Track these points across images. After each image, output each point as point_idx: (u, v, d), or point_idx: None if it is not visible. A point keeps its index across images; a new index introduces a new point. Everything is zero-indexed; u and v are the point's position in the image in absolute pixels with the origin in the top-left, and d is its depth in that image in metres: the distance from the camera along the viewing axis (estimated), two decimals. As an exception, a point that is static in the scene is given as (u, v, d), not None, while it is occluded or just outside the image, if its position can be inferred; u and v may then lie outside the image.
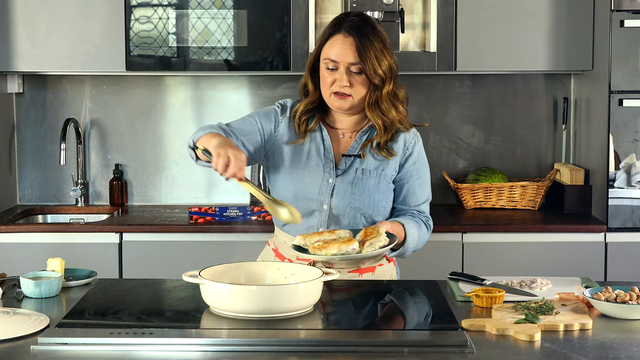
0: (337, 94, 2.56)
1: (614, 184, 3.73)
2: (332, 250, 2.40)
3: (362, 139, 2.65)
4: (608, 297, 2.26)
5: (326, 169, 2.61)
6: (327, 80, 2.57)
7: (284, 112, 2.66)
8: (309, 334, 2.08)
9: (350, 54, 2.53)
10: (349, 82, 2.54)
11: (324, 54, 2.57)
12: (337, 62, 2.55)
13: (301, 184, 2.60)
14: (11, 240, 3.71)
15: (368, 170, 2.62)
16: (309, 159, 2.62)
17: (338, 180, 2.61)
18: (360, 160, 2.62)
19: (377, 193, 2.63)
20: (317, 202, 2.60)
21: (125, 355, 1.96)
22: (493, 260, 3.72)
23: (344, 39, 2.54)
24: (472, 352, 1.96)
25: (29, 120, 4.29)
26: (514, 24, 3.93)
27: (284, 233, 2.66)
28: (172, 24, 3.92)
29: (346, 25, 2.55)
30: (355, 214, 2.62)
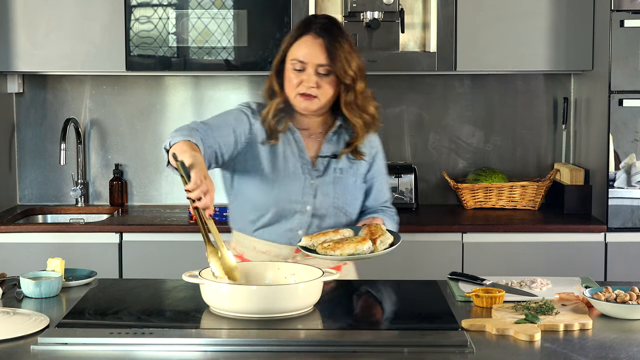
0: (303, 95, 2.56)
1: (614, 184, 3.73)
2: (349, 250, 2.39)
3: (332, 139, 2.65)
4: (608, 297, 2.26)
5: (305, 170, 2.61)
6: (293, 82, 2.56)
7: (254, 115, 2.63)
8: (309, 334, 2.08)
9: (320, 55, 2.54)
10: (316, 83, 2.54)
11: (292, 54, 2.56)
12: (306, 63, 2.54)
13: (284, 186, 2.58)
14: (11, 240, 3.71)
15: (345, 169, 2.65)
16: (287, 161, 2.61)
17: (319, 181, 2.61)
18: (335, 160, 2.64)
19: (356, 191, 2.67)
20: (300, 204, 2.59)
21: (125, 355, 1.96)
22: (493, 260, 3.72)
23: (314, 40, 2.55)
24: (472, 352, 1.96)
25: (29, 120, 4.29)
26: (514, 24, 3.93)
27: (254, 238, 2.63)
28: (172, 24, 3.92)
29: (315, 27, 2.56)
30: (337, 212, 2.63)
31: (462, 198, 4.12)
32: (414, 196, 4.08)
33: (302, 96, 2.56)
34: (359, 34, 3.93)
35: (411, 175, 4.08)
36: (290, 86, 2.57)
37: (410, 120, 4.31)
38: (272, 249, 2.61)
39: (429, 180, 4.32)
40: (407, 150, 4.32)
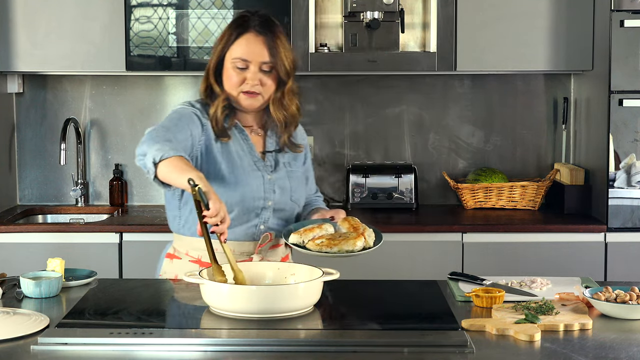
0: (247, 92, 2.56)
1: (614, 184, 3.73)
2: (347, 246, 2.40)
3: (272, 134, 2.68)
4: (608, 297, 2.26)
5: (259, 167, 2.62)
6: (234, 80, 2.56)
7: (203, 114, 2.61)
8: (309, 334, 2.08)
9: (263, 52, 2.55)
10: (259, 80, 2.56)
11: (233, 53, 2.56)
12: (249, 61, 2.55)
13: (247, 185, 2.58)
14: (11, 240, 3.71)
15: (292, 163, 2.69)
16: (241, 159, 2.61)
17: (275, 176, 2.63)
18: (281, 155, 2.67)
19: (303, 182, 2.72)
20: (263, 200, 2.60)
21: (125, 355, 1.96)
22: (493, 260, 3.72)
23: (255, 38, 2.55)
24: (472, 352, 1.96)
25: (29, 120, 4.29)
26: (514, 24, 3.93)
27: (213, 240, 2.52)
28: (172, 24, 3.92)
29: (254, 24, 2.56)
30: (293, 205, 2.66)
31: (462, 198, 4.12)
32: (414, 196, 4.08)
33: (246, 94, 2.57)
34: (359, 34, 3.93)
35: (411, 175, 4.08)
36: (232, 84, 2.57)
37: (410, 120, 4.31)
38: (235, 248, 2.58)
39: (429, 180, 4.32)
40: (407, 150, 4.32)
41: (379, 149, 4.32)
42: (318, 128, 4.31)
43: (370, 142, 4.32)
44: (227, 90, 2.59)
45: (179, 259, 2.67)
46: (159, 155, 2.34)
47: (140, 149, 2.41)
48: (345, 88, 4.31)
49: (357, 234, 2.44)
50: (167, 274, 2.68)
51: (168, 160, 2.33)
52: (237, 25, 2.58)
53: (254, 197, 2.58)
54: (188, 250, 2.65)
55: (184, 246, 2.66)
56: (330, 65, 3.93)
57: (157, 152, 2.35)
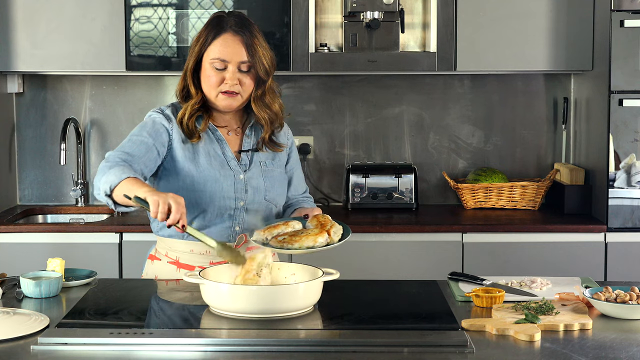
0: (226, 92, 2.57)
1: (614, 184, 3.73)
2: (308, 242, 2.38)
3: (251, 133, 2.68)
4: (608, 297, 2.26)
5: (232, 166, 2.62)
6: (213, 80, 2.57)
7: (169, 120, 2.62)
8: (309, 334, 2.08)
9: (242, 52, 2.56)
10: (238, 80, 2.56)
11: (211, 54, 2.56)
12: (228, 61, 2.56)
13: (216, 185, 2.58)
14: (11, 240, 3.71)
15: (269, 162, 2.68)
16: (213, 159, 2.61)
17: (248, 175, 2.63)
18: (257, 154, 2.67)
19: (283, 183, 2.71)
20: (234, 200, 2.60)
21: (125, 355, 1.96)
22: (493, 260, 3.72)
23: (233, 38, 2.56)
24: (472, 352, 1.96)
25: (29, 120, 4.29)
26: (514, 24, 3.93)
27: (188, 241, 2.60)
28: (172, 24, 3.92)
29: (232, 24, 2.57)
30: (268, 205, 2.66)
31: (462, 198, 4.12)
32: (414, 196, 4.08)
33: (225, 94, 2.57)
34: (359, 34, 3.93)
35: (411, 175, 4.08)
36: (210, 85, 2.58)
37: (410, 120, 4.32)
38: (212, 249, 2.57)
39: (429, 180, 4.32)
40: (407, 150, 4.32)
41: (379, 149, 4.32)
42: (318, 128, 4.31)
43: (370, 142, 4.32)
44: (206, 90, 2.59)
45: (159, 260, 2.69)
46: (107, 187, 2.36)
47: (95, 183, 2.43)
48: (345, 88, 4.31)
49: (319, 230, 2.42)
50: (148, 274, 2.71)
51: (118, 186, 2.35)
52: (213, 25, 2.59)
53: (224, 196, 2.59)
54: (167, 252, 2.67)
55: (164, 248, 2.68)
56: (330, 65, 3.93)
57: (105, 184, 2.37)
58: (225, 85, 2.56)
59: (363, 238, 3.72)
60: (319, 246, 2.38)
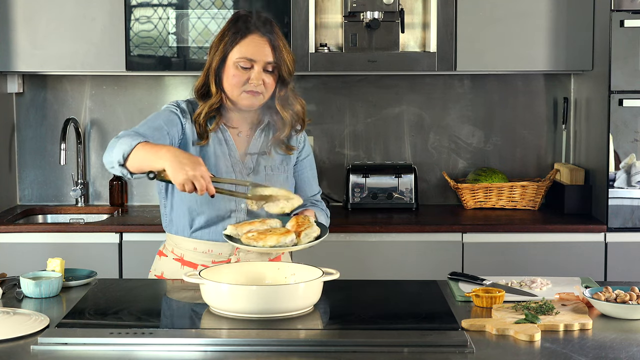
0: (249, 92, 2.58)
1: (614, 184, 3.73)
2: (271, 241, 2.39)
3: (261, 136, 2.68)
4: (608, 297, 2.26)
5: (236, 168, 2.63)
6: (237, 79, 2.58)
7: (184, 115, 2.64)
8: (309, 334, 2.08)
9: (269, 52, 2.58)
10: (262, 80, 2.58)
11: (238, 53, 2.57)
12: (255, 60, 2.57)
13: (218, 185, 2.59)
14: (11, 240, 3.71)
15: (276, 167, 2.68)
16: (218, 160, 2.62)
17: (251, 178, 2.63)
18: (265, 158, 2.67)
19: (287, 187, 2.68)
20: (235, 202, 2.61)
21: (125, 355, 1.96)
22: (493, 260, 3.72)
23: (260, 39, 2.58)
24: (472, 352, 1.96)
25: (29, 120, 4.29)
26: (514, 24, 3.93)
27: (193, 239, 2.62)
28: (172, 24, 3.92)
29: (257, 25, 2.59)
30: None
31: (462, 198, 4.12)
32: (414, 196, 4.08)
33: (249, 93, 2.58)
34: (359, 34, 3.93)
35: (411, 175, 4.08)
36: (234, 84, 2.58)
37: (410, 120, 4.32)
38: (214, 249, 2.62)
39: (429, 180, 4.32)
40: (407, 150, 4.32)
41: (379, 149, 4.32)
42: (318, 128, 4.31)
43: (370, 142, 4.32)
44: (228, 89, 2.60)
45: (166, 256, 2.71)
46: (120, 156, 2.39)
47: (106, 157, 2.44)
48: (345, 88, 4.31)
49: (286, 230, 2.43)
50: (156, 270, 2.74)
51: (133, 152, 2.37)
52: (238, 26, 2.60)
53: (224, 198, 2.59)
54: (173, 248, 2.69)
55: (171, 244, 2.70)
56: (330, 65, 3.93)
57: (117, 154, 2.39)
58: (250, 84, 2.58)
59: (363, 238, 3.73)
60: (282, 245, 2.39)
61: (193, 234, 2.63)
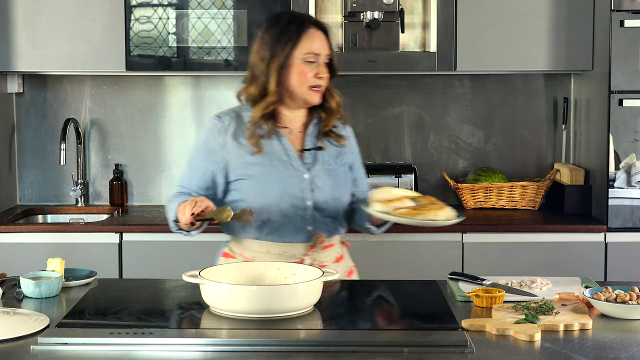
0: (314, 87, 2.60)
1: (614, 184, 3.73)
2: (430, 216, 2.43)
3: (313, 133, 2.69)
4: (608, 297, 2.26)
5: (296, 166, 2.63)
6: (307, 75, 2.59)
7: (226, 131, 2.64)
8: (309, 334, 2.08)
9: (326, 45, 2.63)
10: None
11: (304, 49, 2.59)
12: (319, 54, 2.60)
13: (281, 186, 2.60)
14: (11, 240, 3.71)
15: (332, 161, 2.69)
16: (276, 161, 2.62)
17: (312, 175, 2.63)
18: (321, 153, 2.67)
19: (347, 180, 2.72)
20: (300, 200, 2.61)
21: (125, 355, 1.96)
22: (493, 260, 3.72)
23: (317, 32, 2.62)
24: (472, 352, 1.96)
25: (29, 120, 4.29)
26: (514, 24, 3.93)
27: (265, 242, 2.63)
28: (172, 24, 3.92)
29: (312, 20, 2.65)
30: (336, 203, 2.66)
31: (462, 198, 4.12)
32: (414, 196, 4.07)
33: (313, 89, 2.61)
34: (359, 34, 3.93)
35: (411, 175, 4.08)
36: (305, 80, 2.60)
37: (410, 120, 4.32)
38: (287, 249, 2.63)
39: (429, 180, 4.32)
40: (407, 150, 4.32)
41: (379, 149, 4.32)
42: (318, 128, 4.31)
43: (370, 142, 4.32)
44: (296, 86, 2.60)
45: (234, 258, 2.71)
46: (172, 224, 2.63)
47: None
48: (345, 88, 4.30)
49: (440, 206, 2.46)
50: None
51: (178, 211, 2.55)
52: (292, 25, 2.62)
53: (291, 196, 2.60)
54: (242, 251, 2.69)
55: (239, 247, 2.70)
56: (330, 65, 3.93)
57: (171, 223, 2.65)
58: (316, 79, 2.60)
59: (363, 238, 3.72)
60: (439, 219, 2.43)
61: (265, 236, 2.63)
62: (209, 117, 2.71)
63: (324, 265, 2.62)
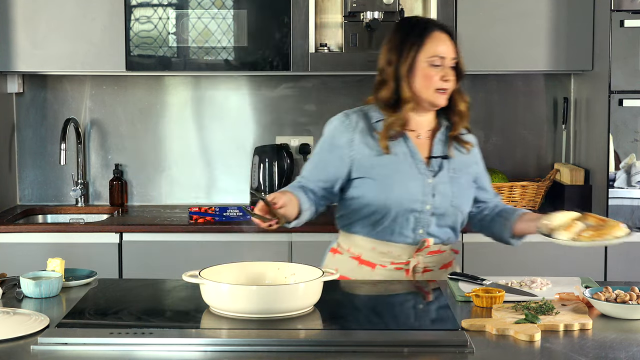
0: (439, 90, 2.62)
1: (614, 184, 3.73)
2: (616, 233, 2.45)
3: (441, 139, 2.71)
4: (608, 297, 2.26)
5: (420, 170, 2.65)
6: (433, 78, 2.61)
7: (354, 129, 2.67)
8: (309, 334, 2.08)
9: (452, 49, 2.65)
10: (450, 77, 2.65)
11: (428, 52, 2.61)
12: (445, 57, 2.62)
13: (404, 187, 2.61)
14: (11, 240, 3.71)
15: (458, 169, 2.70)
16: (402, 163, 2.64)
17: (435, 180, 2.65)
18: (447, 161, 2.69)
19: (469, 190, 2.73)
20: (420, 203, 2.62)
21: (125, 355, 1.96)
22: (493, 260, 3.72)
23: (442, 35, 2.64)
24: (472, 352, 1.96)
25: (29, 120, 4.29)
26: (514, 24, 3.93)
27: (374, 239, 2.65)
28: (172, 24, 3.92)
29: (436, 24, 2.68)
30: (455, 211, 2.67)
31: (462, 198, 4.12)
32: (414, 196, 4.07)
33: (439, 91, 2.63)
34: (359, 34, 3.93)
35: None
36: (428, 84, 2.62)
37: (410, 120, 4.31)
38: (393, 250, 2.65)
39: (429, 180, 4.31)
40: (407, 150, 4.31)
41: (379, 149, 4.31)
42: (318, 128, 4.30)
43: (370, 142, 4.31)
44: (421, 89, 2.62)
45: (341, 254, 2.74)
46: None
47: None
48: (345, 88, 4.30)
49: (615, 222, 2.48)
50: (328, 266, 2.75)
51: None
52: (415, 29, 2.65)
53: (411, 199, 2.61)
54: (350, 247, 2.71)
55: (347, 243, 2.72)
56: (330, 65, 3.93)
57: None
58: (441, 82, 2.62)
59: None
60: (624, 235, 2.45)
61: (375, 234, 2.65)
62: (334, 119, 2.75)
63: (430, 270, 2.67)
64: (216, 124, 4.33)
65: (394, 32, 2.70)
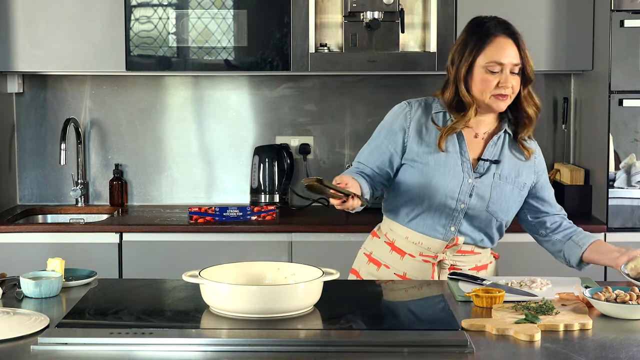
0: (498, 95, 2.61)
1: (614, 184, 3.73)
2: None
3: (497, 143, 2.70)
4: (608, 297, 2.26)
5: (464, 168, 2.65)
6: (490, 83, 2.60)
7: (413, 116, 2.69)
8: (309, 334, 2.08)
9: (515, 54, 2.63)
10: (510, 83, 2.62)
11: (487, 57, 2.61)
12: (504, 64, 2.61)
13: (442, 181, 2.63)
14: (11, 240, 3.71)
15: (505, 176, 2.68)
16: (448, 157, 2.65)
17: (477, 182, 2.65)
18: (496, 166, 2.68)
19: (512, 199, 2.70)
20: (456, 201, 2.63)
21: (125, 355, 1.96)
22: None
23: (506, 41, 2.64)
24: (472, 352, 1.96)
25: (29, 120, 4.29)
26: (514, 24, 3.91)
27: (407, 228, 2.68)
28: (172, 24, 3.92)
29: (500, 28, 2.68)
30: (489, 217, 2.68)
31: (462, 198, 4.12)
32: (414, 196, 4.07)
33: (497, 97, 2.61)
34: (359, 34, 3.93)
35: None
36: (484, 88, 2.61)
37: (410, 120, 4.31)
38: (424, 241, 2.67)
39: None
40: (407, 150, 4.31)
41: (379, 149, 4.31)
42: (318, 128, 4.31)
43: (370, 142, 4.31)
44: (477, 93, 2.62)
45: (378, 237, 2.78)
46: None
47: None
48: (345, 88, 4.30)
49: None
50: (366, 249, 2.82)
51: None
52: (478, 31, 2.67)
53: (447, 195, 2.63)
54: (387, 232, 2.75)
55: (386, 227, 2.77)
56: (330, 65, 3.93)
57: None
58: (501, 88, 2.60)
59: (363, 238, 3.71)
60: None
61: (409, 223, 2.68)
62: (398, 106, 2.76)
63: (459, 268, 2.69)
64: (216, 124, 4.33)
65: (463, 32, 2.71)
